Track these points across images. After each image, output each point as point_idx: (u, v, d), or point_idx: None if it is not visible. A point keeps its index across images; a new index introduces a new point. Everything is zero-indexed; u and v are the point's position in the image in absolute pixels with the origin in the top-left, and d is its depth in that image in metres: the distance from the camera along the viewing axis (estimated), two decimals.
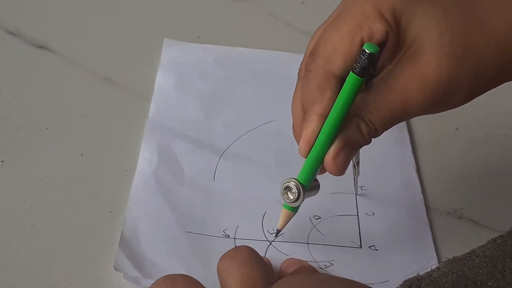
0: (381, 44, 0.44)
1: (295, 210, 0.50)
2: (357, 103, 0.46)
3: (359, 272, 0.51)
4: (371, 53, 0.43)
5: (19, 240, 0.53)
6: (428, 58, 0.44)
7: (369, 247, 0.53)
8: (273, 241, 0.53)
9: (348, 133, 0.46)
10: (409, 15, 0.44)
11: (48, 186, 0.57)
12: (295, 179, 0.48)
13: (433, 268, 0.48)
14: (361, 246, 0.53)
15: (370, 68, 0.44)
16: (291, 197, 0.48)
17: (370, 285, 0.49)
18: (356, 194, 0.58)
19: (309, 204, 0.55)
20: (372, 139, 0.47)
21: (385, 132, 0.47)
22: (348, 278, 0.40)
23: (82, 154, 0.60)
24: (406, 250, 0.53)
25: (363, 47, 0.43)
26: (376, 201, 0.57)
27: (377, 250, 0.53)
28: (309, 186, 0.48)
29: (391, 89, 0.45)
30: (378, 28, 0.44)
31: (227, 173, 0.60)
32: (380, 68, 0.46)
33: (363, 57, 0.43)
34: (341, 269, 0.51)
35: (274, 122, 0.65)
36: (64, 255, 0.52)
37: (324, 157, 0.47)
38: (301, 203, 0.49)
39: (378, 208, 0.57)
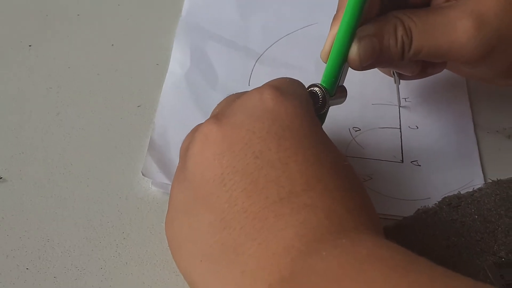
0: None
1: (322, 119, 0.45)
2: (404, 12, 0.43)
3: (399, 188, 0.48)
4: None
5: (43, 127, 0.51)
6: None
7: (411, 162, 0.50)
8: None
9: (382, 27, 0.43)
10: None
11: (76, 74, 0.55)
12: (319, 84, 0.44)
13: (475, 188, 0.46)
14: (402, 161, 0.50)
15: None
16: (315, 104, 0.43)
17: (411, 202, 0.47)
18: (399, 106, 0.54)
19: (349, 114, 0.53)
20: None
21: None
22: None
23: (112, 45, 0.58)
24: (451, 167, 0.50)
25: None
26: (421, 114, 0.53)
27: (420, 165, 0.50)
28: (333, 90, 0.44)
29: (444, 13, 0.43)
30: None
31: (263, 78, 0.54)
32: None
33: None
34: (380, 184, 0.48)
35: (315, 25, 0.61)
36: (89, 147, 0.50)
37: (345, 55, 0.43)
38: (327, 110, 0.44)
39: (422, 122, 0.53)
